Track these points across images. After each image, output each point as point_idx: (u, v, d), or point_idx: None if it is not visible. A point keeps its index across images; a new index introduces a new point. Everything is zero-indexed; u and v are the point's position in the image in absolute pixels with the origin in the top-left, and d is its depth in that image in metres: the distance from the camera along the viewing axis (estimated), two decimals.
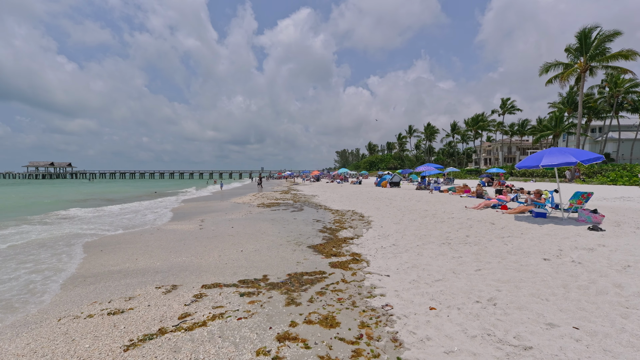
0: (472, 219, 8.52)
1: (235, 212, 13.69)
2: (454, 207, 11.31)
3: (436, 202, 13.26)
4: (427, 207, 11.83)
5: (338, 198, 19.34)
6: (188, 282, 4.83)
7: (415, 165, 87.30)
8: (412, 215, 10.47)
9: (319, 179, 55.44)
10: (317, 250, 6.74)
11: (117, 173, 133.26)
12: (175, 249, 7.00)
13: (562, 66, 32.14)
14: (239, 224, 10.22)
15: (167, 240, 7.86)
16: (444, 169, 32.33)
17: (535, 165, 7.01)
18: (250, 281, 4.84)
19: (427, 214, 10.17)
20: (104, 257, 6.46)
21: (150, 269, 5.50)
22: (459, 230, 7.44)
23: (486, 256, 5.42)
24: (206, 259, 6.16)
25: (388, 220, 10.07)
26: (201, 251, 6.75)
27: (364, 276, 4.98)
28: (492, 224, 7.56)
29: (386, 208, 12.80)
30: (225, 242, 7.56)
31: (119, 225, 10.52)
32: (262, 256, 6.29)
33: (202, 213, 13.57)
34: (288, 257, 6.18)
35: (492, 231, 6.97)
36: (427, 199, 14.52)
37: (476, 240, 6.46)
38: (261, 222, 10.72)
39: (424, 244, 6.65)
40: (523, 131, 71.64)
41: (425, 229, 8.07)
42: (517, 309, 3.45)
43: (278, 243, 7.47)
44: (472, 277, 4.52)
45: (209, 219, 11.51)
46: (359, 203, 15.62)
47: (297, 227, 9.60)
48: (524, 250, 5.44)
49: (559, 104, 52.45)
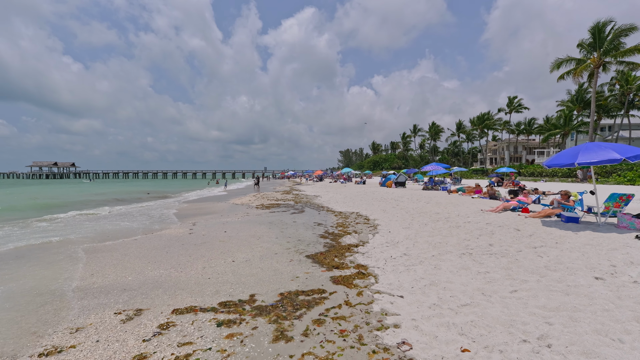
0: (491, 223, 7.59)
1: (231, 214, 12.84)
2: (468, 209, 10.37)
3: (447, 203, 12.32)
4: (438, 209, 10.90)
5: (341, 199, 18.44)
6: (158, 304, 3.97)
7: (419, 165, 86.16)
8: (422, 218, 9.55)
9: (322, 178, 54.58)
10: (316, 260, 5.86)
11: (120, 173, 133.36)
12: (156, 258, 6.15)
13: (575, 62, 30.93)
14: (233, 228, 9.36)
15: (149, 248, 7.01)
16: (451, 168, 31.30)
17: (570, 163, 6.07)
18: (233, 303, 3.96)
19: (439, 218, 9.24)
20: (67, 270, 5.62)
21: (118, 286, 4.65)
22: (479, 237, 6.52)
23: (519, 272, 4.50)
24: (188, 271, 5.30)
25: (396, 224, 9.16)
26: (184, 262, 5.89)
27: (372, 297, 4.09)
28: (517, 230, 6.62)
29: (393, 210, 11.89)
30: (214, 250, 6.70)
31: (100, 231, 9.70)
32: (252, 268, 5.42)
33: (196, 215, 12.74)
34: (283, 270, 5.30)
35: (519, 239, 6.03)
36: (436, 200, 13.58)
37: (502, 250, 5.54)
38: (258, 225, 9.86)
39: (441, 253, 5.74)
40: (530, 130, 70.25)
41: (439, 235, 7.15)
42: (583, 356, 2.54)
43: (273, 251, 6.60)
44: (509, 302, 3.61)
45: (201, 223, 10.67)
46: (364, 204, 14.72)
47: (296, 232, 8.73)
48: (566, 265, 4.51)
49: (568, 102, 51.10)
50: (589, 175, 30.49)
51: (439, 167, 23.35)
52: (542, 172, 39.62)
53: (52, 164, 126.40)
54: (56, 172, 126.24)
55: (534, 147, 79.06)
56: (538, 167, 42.84)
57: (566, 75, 32.25)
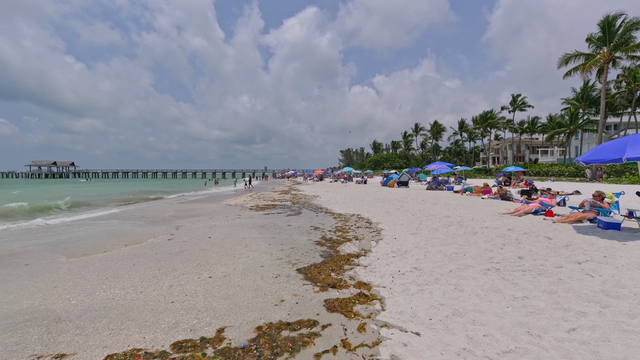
0: (514, 229, 6.56)
1: (222, 216, 11.84)
2: (482, 212, 9.34)
3: (457, 205, 11.29)
4: (448, 211, 9.87)
5: (342, 199, 17.43)
6: (90, 345, 2.96)
7: (421, 164, 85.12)
8: (431, 222, 8.52)
9: (322, 178, 53.58)
10: (309, 276, 4.85)
11: (119, 172, 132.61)
12: (117, 272, 5.15)
13: (583, 57, 29.80)
14: (219, 233, 8.37)
15: (114, 259, 6.01)
16: (455, 167, 30.24)
17: (616, 158, 5.05)
18: (191, 344, 2.95)
19: (451, 222, 8.22)
20: (5, 287, 4.62)
21: (52, 314, 3.65)
22: (503, 247, 5.49)
23: (569, 298, 3.48)
24: (149, 291, 4.30)
25: (402, 228, 8.15)
26: (149, 277, 4.88)
27: (378, 333, 3.09)
28: (548, 239, 5.59)
29: (397, 212, 10.86)
30: (190, 262, 5.70)
31: (64, 239, 8.71)
32: (230, 287, 4.41)
33: (184, 218, 11.74)
34: (267, 290, 4.30)
35: (554, 251, 5.01)
36: (444, 202, 12.55)
37: (537, 265, 4.52)
38: (248, 229, 8.85)
39: (460, 268, 4.73)
40: (533, 129, 69.13)
41: (454, 243, 6.13)
42: None
43: (260, 262, 5.60)
44: (570, 348, 2.59)
45: (186, 226, 9.67)
46: (365, 205, 13.70)
47: (290, 238, 7.73)
48: (631, 291, 3.48)
49: (573, 100, 49.97)
50: (598, 174, 29.37)
51: (444, 166, 22.30)
52: (548, 171, 38.53)
53: (51, 163, 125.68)
54: (55, 171, 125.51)
55: (538, 146, 77.90)
56: (544, 166, 41.76)
57: (573, 71, 31.13)
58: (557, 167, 38.50)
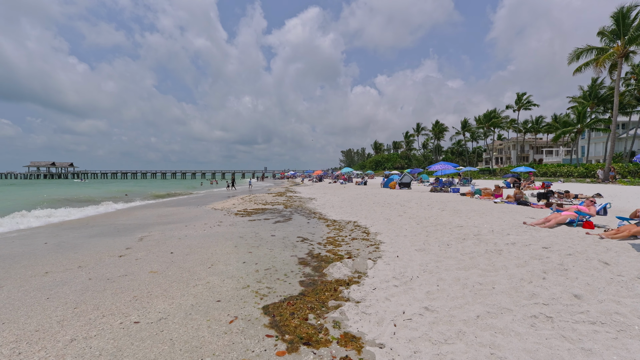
0: (551, 248, 5.11)
1: (200, 223, 10.45)
2: (500, 221, 7.90)
3: (468, 211, 9.85)
4: (459, 219, 8.42)
5: (339, 202, 16.01)
6: None
7: (423, 164, 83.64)
8: (441, 233, 7.09)
9: (321, 179, 52.19)
10: (277, 320, 3.44)
11: (118, 173, 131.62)
12: (13, 314, 3.74)
13: (596, 51, 28.29)
14: (186, 246, 6.97)
15: (27, 289, 4.60)
16: (460, 168, 28.75)
17: None
18: None
19: (466, 234, 6.78)
20: None
21: None
22: (545, 276, 4.05)
23: None
24: (34, 351, 2.89)
25: (405, 241, 6.72)
26: (53, 323, 3.47)
27: None
28: (605, 264, 4.15)
29: (400, 219, 9.43)
30: (125, 293, 4.29)
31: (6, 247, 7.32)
32: (155, 342, 3.00)
33: (156, 225, 10.35)
34: (207, 351, 2.89)
35: (624, 286, 3.56)
36: (453, 206, 11.10)
37: (607, 311, 3.08)
38: (223, 241, 7.46)
39: (491, 312, 3.30)
40: (538, 128, 67.54)
41: (474, 266, 4.70)
42: None
43: (217, 294, 4.19)
44: None
45: (152, 237, 8.27)
46: (364, 210, 12.28)
47: (270, 253, 6.33)
48: None
49: (580, 99, 48.42)
50: (611, 174, 27.80)
51: (449, 167, 20.85)
52: (556, 172, 36.97)
53: (49, 164, 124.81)
54: (54, 172, 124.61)
55: (542, 146, 76.26)
56: (551, 166, 40.24)
57: (584, 67, 29.62)
58: (566, 168, 36.96)
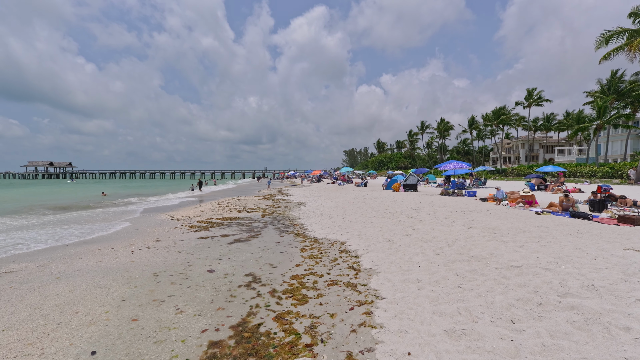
0: None
1: (125, 243, 7.52)
2: (584, 253, 4.84)
3: (511, 230, 6.77)
4: (507, 248, 5.36)
5: (330, 209, 13.01)
6: None
7: (427, 164, 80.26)
8: (486, 285, 4.07)
9: (320, 179, 49.16)
10: None
11: (117, 173, 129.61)
12: None
13: (628, 33, 24.97)
14: (41, 298, 4.05)
15: None
16: (472, 167, 25.57)
17: None
18: None
19: (538, 289, 3.75)
20: None
21: None
22: None
23: None
24: None
25: (421, 298, 3.71)
26: None
27: None
28: None
29: (407, 242, 6.41)
30: None
31: None
32: None
33: (56, 248, 7.43)
34: None
35: None
36: (482, 219, 8.02)
37: None
38: (114, 286, 4.53)
39: None
40: (549, 126, 63.88)
41: None
42: None
43: None
44: None
45: (27, 270, 5.34)
46: (358, 222, 9.27)
47: (172, 321, 3.38)
48: None
49: (598, 93, 44.95)
50: None
51: (463, 166, 17.74)
52: (576, 172, 33.64)
53: (47, 163, 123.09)
54: (52, 172, 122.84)
55: (553, 144, 72.47)
56: (570, 165, 36.84)
57: (614, 53, 26.31)
58: (587, 167, 33.58)
